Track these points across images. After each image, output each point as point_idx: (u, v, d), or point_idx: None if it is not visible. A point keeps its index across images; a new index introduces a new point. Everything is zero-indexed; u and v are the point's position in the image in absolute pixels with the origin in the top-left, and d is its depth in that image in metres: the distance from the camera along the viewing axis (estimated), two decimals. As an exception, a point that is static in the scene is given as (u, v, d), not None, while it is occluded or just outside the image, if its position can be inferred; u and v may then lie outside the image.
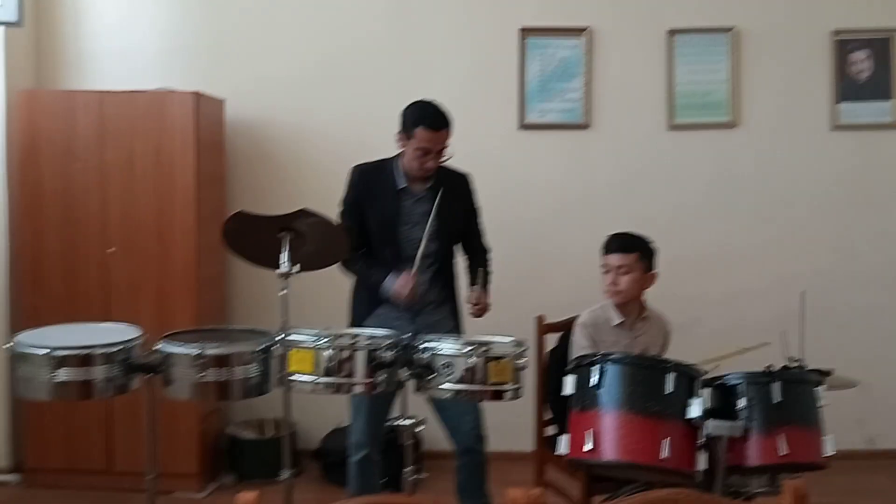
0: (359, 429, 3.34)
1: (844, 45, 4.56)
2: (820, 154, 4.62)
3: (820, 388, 2.62)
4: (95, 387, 2.78)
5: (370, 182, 3.34)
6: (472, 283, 3.35)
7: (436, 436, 3.38)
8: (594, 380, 2.57)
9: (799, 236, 4.64)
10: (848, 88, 4.59)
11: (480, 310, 3.28)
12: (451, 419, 3.34)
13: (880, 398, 4.42)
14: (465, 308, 3.35)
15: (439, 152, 3.24)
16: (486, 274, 3.44)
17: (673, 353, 3.06)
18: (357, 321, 3.38)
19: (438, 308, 3.39)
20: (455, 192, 3.36)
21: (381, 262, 3.32)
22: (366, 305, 3.37)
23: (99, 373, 2.78)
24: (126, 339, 2.87)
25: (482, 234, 3.54)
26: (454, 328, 3.40)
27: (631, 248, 3.28)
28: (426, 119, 3.20)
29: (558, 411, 3.38)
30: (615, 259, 3.28)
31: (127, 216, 4.10)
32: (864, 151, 4.61)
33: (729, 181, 4.64)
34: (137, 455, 3.99)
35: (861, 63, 4.57)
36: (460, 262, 3.50)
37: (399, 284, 3.21)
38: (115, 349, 2.81)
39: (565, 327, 3.47)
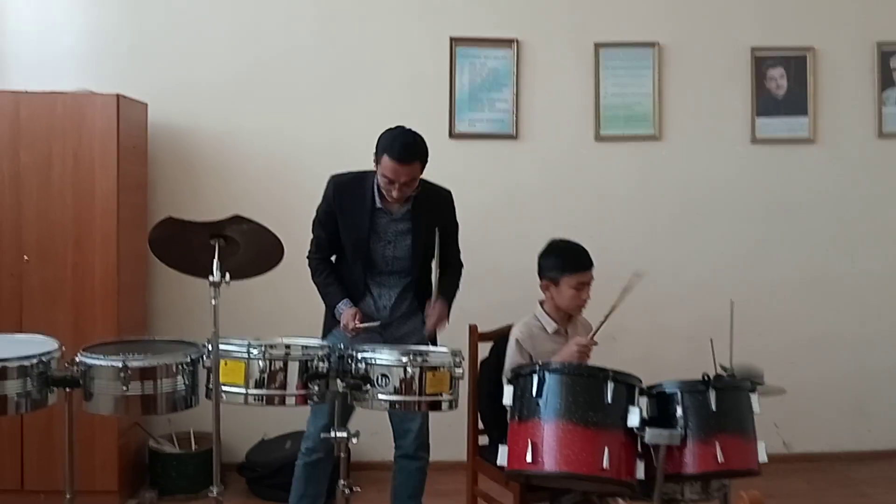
0: (314, 434, 3.28)
1: (762, 62, 4.71)
2: (740, 166, 4.75)
3: (753, 395, 2.67)
4: (10, 402, 2.64)
5: (346, 195, 3.27)
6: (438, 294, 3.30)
7: (367, 448, 3.33)
8: (534, 390, 2.56)
9: (720, 246, 4.75)
10: (766, 104, 4.73)
11: (435, 322, 3.24)
12: (398, 424, 3.34)
13: (796, 403, 4.52)
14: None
15: (407, 184, 3.15)
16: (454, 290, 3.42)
17: (597, 361, 3.06)
18: (327, 329, 3.37)
19: (409, 320, 3.35)
20: (434, 209, 3.30)
21: (352, 274, 3.30)
22: (333, 316, 3.34)
23: (14, 387, 2.64)
24: (43, 351, 2.73)
25: (458, 251, 3.48)
26: (425, 339, 3.34)
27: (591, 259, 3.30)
28: (393, 150, 3.09)
29: (490, 421, 3.38)
30: (591, 273, 3.28)
31: (43, 222, 3.93)
32: (781, 165, 4.76)
33: (654, 192, 4.73)
34: (52, 472, 3.83)
35: (778, 79, 4.72)
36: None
37: (346, 318, 3.19)
38: (31, 362, 2.67)
39: (497, 337, 3.46)
